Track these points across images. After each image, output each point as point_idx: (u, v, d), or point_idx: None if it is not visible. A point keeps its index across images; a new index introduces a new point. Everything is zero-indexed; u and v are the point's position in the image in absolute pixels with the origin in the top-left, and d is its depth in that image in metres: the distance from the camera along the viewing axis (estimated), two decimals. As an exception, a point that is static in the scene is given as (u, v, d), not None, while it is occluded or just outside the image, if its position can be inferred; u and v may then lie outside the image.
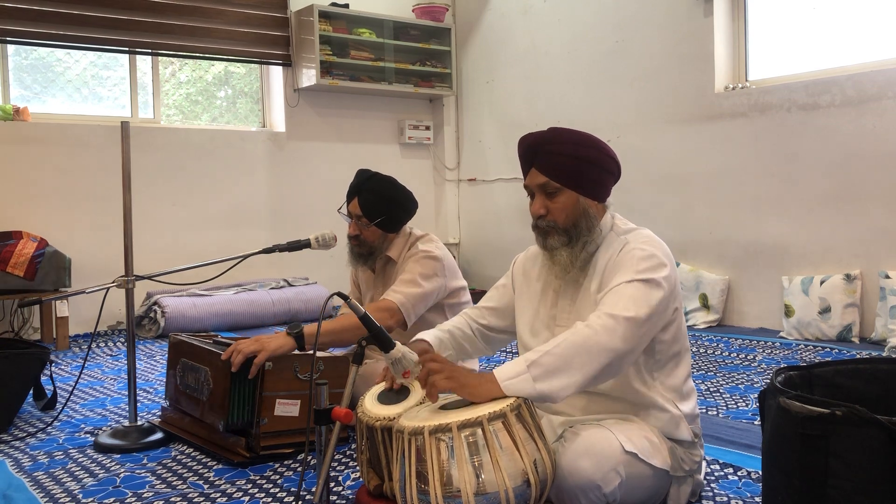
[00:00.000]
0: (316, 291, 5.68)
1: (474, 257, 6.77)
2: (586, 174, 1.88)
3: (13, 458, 2.58)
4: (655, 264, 1.80)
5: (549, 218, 1.89)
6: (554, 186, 1.87)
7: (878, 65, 4.26)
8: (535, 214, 1.91)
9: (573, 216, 1.88)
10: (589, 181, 1.89)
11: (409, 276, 2.70)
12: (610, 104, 5.53)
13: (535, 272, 2.05)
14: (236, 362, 2.35)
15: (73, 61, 5.53)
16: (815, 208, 4.46)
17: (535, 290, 2.03)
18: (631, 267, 1.80)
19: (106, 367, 4.18)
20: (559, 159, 1.86)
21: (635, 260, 1.81)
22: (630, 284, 1.76)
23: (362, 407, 1.87)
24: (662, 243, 1.89)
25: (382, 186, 2.78)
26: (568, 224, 1.89)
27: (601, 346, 1.67)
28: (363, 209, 2.75)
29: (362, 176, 2.81)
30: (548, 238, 1.91)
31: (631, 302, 1.73)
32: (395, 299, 2.63)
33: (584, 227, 1.89)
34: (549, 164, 1.87)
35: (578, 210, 1.88)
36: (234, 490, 2.22)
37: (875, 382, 1.73)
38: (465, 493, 1.53)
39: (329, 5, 6.05)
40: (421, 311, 2.70)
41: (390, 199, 2.77)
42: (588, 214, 1.89)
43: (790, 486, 1.46)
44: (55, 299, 4.25)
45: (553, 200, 1.89)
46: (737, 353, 4.04)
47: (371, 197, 2.75)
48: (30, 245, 4.63)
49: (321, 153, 6.27)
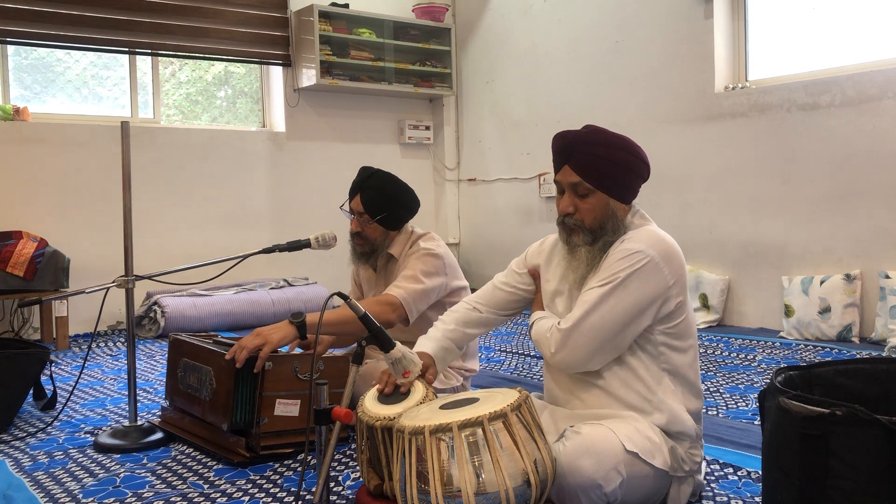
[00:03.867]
0: (316, 291, 5.68)
1: (474, 257, 6.77)
2: (619, 178, 1.89)
3: (13, 458, 2.58)
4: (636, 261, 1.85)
5: (577, 217, 1.90)
6: (586, 188, 1.88)
7: (878, 65, 4.26)
8: (563, 212, 1.92)
9: (601, 218, 1.90)
10: (621, 184, 1.90)
11: (411, 272, 2.69)
12: (610, 104, 5.53)
13: (551, 263, 2.06)
14: (241, 358, 2.34)
15: (73, 61, 5.53)
16: (815, 208, 4.46)
17: (552, 283, 2.04)
18: (607, 269, 1.86)
19: (106, 367, 4.18)
20: (595, 161, 1.87)
21: (613, 261, 1.87)
22: (592, 291, 1.85)
23: (362, 407, 1.87)
24: (664, 239, 1.90)
25: (384, 183, 2.78)
26: (595, 225, 1.90)
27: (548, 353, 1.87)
28: (365, 206, 2.75)
29: (365, 173, 2.81)
30: (572, 235, 1.93)
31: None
32: (398, 294, 2.62)
33: (610, 228, 1.90)
34: (584, 164, 1.87)
35: (607, 212, 1.90)
36: (234, 490, 2.22)
37: (875, 382, 1.73)
38: (466, 492, 1.53)
39: (329, 5, 6.05)
40: (422, 308, 2.69)
41: (392, 196, 2.77)
42: (616, 217, 1.91)
43: (790, 486, 1.46)
44: (55, 299, 4.24)
45: (584, 201, 1.90)
46: (737, 353, 4.04)
47: (373, 194, 2.75)
48: (30, 245, 4.63)
49: (321, 153, 6.27)
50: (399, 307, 2.61)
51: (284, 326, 2.40)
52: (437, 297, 2.75)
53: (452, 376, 2.79)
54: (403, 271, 2.71)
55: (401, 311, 2.62)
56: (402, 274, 2.71)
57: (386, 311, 2.56)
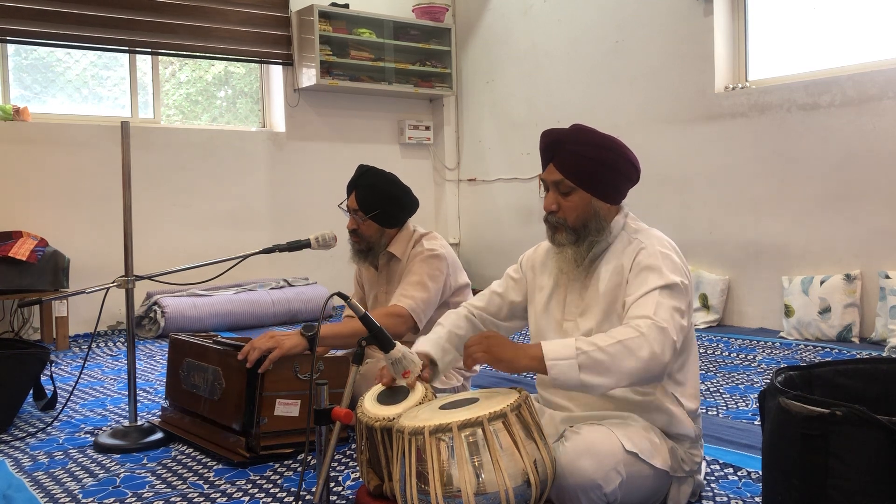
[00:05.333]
0: (316, 291, 5.68)
1: (474, 257, 6.76)
2: (603, 177, 1.89)
3: (13, 458, 2.58)
4: (678, 266, 1.85)
5: (560, 215, 1.91)
6: (568, 186, 1.89)
7: (878, 65, 4.26)
8: (547, 209, 1.93)
9: (583, 217, 1.90)
10: (604, 184, 1.90)
11: (417, 277, 2.69)
12: (610, 104, 5.53)
13: (545, 269, 2.06)
14: (252, 359, 2.35)
15: (73, 61, 5.53)
16: (815, 208, 4.46)
17: (546, 288, 2.04)
18: (657, 270, 1.82)
19: (106, 367, 4.18)
20: (578, 160, 1.87)
21: (660, 262, 1.83)
22: (664, 291, 1.78)
23: (362, 407, 1.87)
24: (673, 243, 1.93)
25: (378, 181, 2.80)
26: (577, 224, 1.90)
27: (650, 354, 1.68)
28: (359, 203, 2.77)
29: (359, 171, 2.84)
30: (556, 234, 1.94)
31: (671, 314, 1.75)
32: (407, 305, 2.62)
33: (593, 228, 1.90)
34: (568, 163, 1.88)
35: (589, 211, 1.90)
36: (234, 490, 2.22)
37: (875, 382, 1.73)
38: (466, 493, 1.53)
39: (329, 5, 6.05)
40: (431, 313, 2.70)
41: (385, 193, 2.78)
42: (598, 216, 1.91)
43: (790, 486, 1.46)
44: (55, 299, 4.25)
45: (566, 199, 1.90)
46: (737, 353, 4.04)
47: (366, 191, 2.76)
48: (29, 243, 4.62)
49: (321, 153, 6.27)
50: (408, 318, 2.62)
51: (296, 336, 2.41)
52: (442, 298, 2.76)
53: (452, 376, 2.79)
54: (409, 277, 2.71)
55: (410, 322, 2.63)
56: (407, 280, 2.71)
57: (397, 324, 2.57)
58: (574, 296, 1.95)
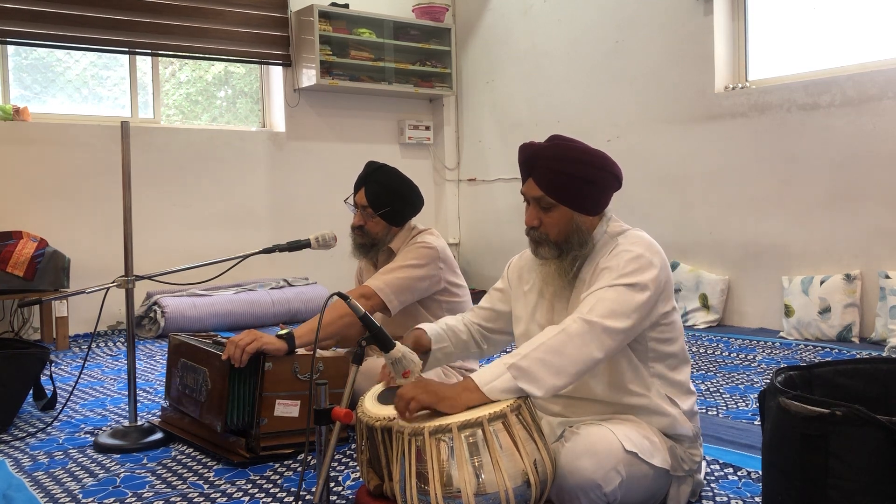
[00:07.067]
0: (316, 291, 5.68)
1: (474, 257, 6.77)
2: (583, 192, 1.87)
3: (13, 458, 2.58)
4: (643, 265, 1.79)
5: (542, 230, 1.90)
6: (549, 202, 1.87)
7: (878, 65, 4.26)
8: (528, 224, 1.92)
9: (565, 232, 1.88)
10: (585, 198, 1.88)
11: (396, 263, 2.70)
12: (610, 104, 5.53)
13: (530, 276, 2.05)
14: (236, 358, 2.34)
15: (72, 61, 5.53)
16: (815, 208, 4.46)
17: (531, 296, 2.03)
18: (616, 269, 1.79)
19: (106, 367, 4.18)
20: (557, 176, 1.85)
21: (623, 262, 1.80)
22: (612, 289, 1.76)
23: (362, 407, 1.87)
24: (654, 243, 1.88)
25: (390, 179, 2.79)
26: (559, 239, 1.89)
27: (578, 353, 1.68)
28: (369, 200, 2.76)
29: (370, 167, 2.83)
30: (539, 248, 1.92)
31: (611, 308, 1.73)
32: (373, 284, 2.64)
33: (576, 242, 1.88)
34: (547, 179, 1.86)
35: (571, 226, 1.88)
36: (234, 490, 2.22)
37: (875, 382, 1.73)
38: (466, 493, 1.53)
39: (329, 5, 6.05)
40: (407, 298, 2.68)
41: (396, 191, 2.78)
42: (581, 230, 1.89)
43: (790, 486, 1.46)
44: (55, 299, 4.25)
45: (547, 214, 1.88)
46: (737, 353, 4.04)
47: (377, 188, 2.76)
48: (30, 245, 4.63)
49: (321, 153, 6.27)
50: (373, 296, 2.61)
51: (276, 340, 2.42)
52: (428, 289, 2.73)
53: (452, 376, 2.79)
54: (391, 263, 2.72)
55: (375, 301, 2.61)
56: (387, 265, 2.71)
57: (360, 303, 2.56)
58: (562, 304, 1.94)
